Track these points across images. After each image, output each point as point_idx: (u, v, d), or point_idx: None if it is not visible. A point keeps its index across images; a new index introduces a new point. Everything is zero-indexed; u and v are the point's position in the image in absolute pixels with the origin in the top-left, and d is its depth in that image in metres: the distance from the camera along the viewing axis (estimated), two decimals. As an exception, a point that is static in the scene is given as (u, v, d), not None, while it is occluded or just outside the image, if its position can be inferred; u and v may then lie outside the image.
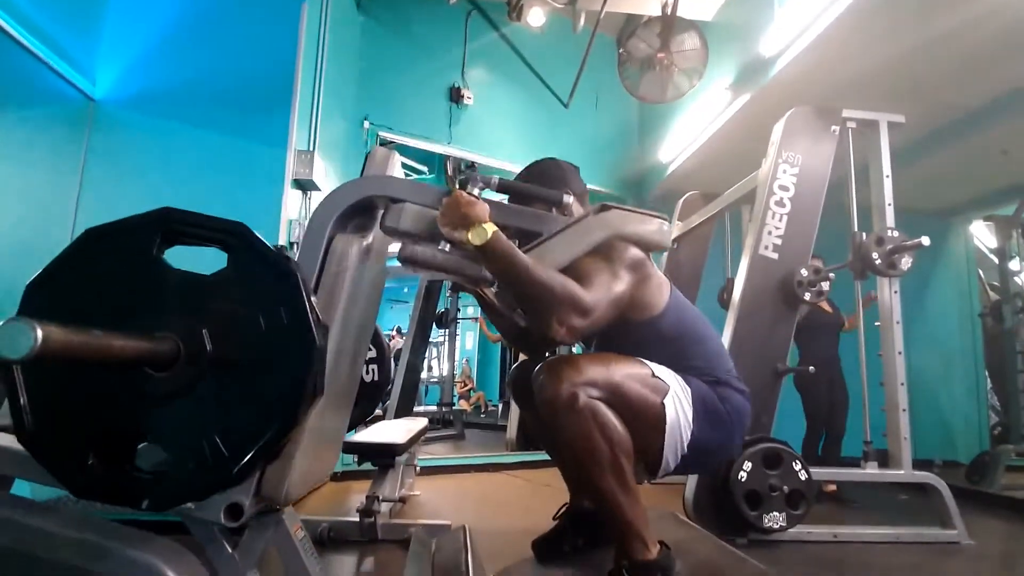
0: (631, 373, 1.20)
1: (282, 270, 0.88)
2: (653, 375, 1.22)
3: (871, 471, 2.78)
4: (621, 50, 3.90)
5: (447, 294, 7.16)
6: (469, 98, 4.61)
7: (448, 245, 1.18)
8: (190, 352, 0.82)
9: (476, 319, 11.17)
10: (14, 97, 2.51)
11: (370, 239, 1.21)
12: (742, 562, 1.25)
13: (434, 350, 10.33)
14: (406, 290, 10.28)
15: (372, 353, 1.55)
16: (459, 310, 7.66)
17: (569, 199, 1.32)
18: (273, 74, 2.81)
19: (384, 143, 4.10)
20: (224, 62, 2.88)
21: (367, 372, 1.56)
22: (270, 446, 0.83)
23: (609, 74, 4.31)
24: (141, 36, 2.97)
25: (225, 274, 0.88)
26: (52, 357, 0.60)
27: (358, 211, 1.19)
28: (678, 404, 1.22)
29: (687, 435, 1.22)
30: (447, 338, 7.79)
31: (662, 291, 1.35)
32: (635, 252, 1.29)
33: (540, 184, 1.40)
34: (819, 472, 2.66)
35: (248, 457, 0.82)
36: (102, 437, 0.84)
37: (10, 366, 0.83)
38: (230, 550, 1.19)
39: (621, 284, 1.23)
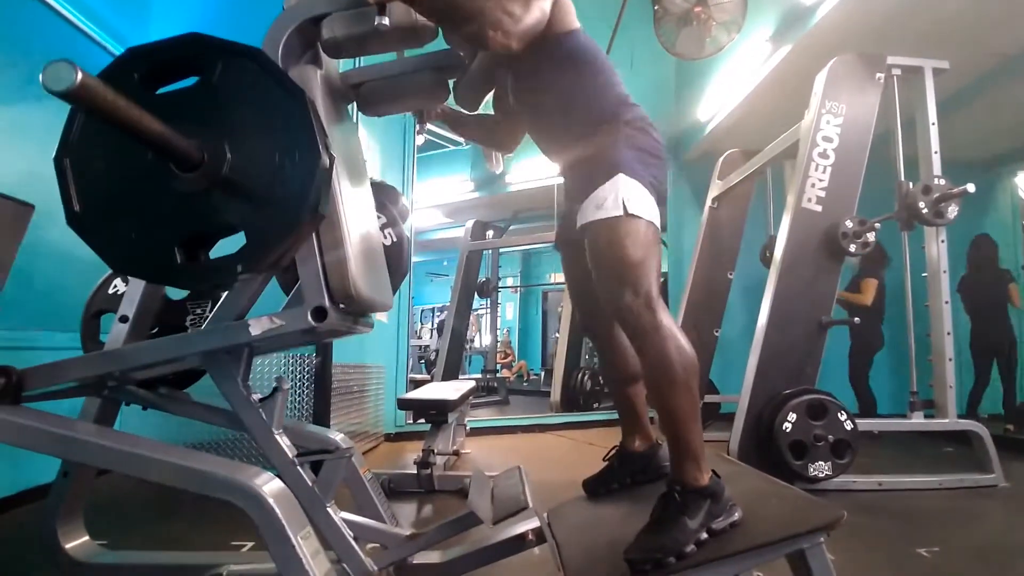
0: (626, 240, 1.26)
1: (252, 55, 0.97)
2: (620, 216, 1.27)
3: (916, 420, 2.77)
4: (656, 7, 3.83)
5: (491, 253, 7.25)
6: (504, 65, 4.61)
7: (381, 20, 1.19)
8: (211, 148, 0.92)
9: (516, 288, 11.29)
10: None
11: (323, 71, 1.27)
12: (790, 492, 1.31)
13: (475, 323, 10.49)
14: (445, 263, 10.42)
15: (382, 219, 1.65)
16: (499, 279, 7.76)
17: None
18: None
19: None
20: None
21: (384, 237, 1.66)
22: (314, 187, 0.94)
23: (644, 32, 4.24)
24: (189, 17, 3.10)
25: (208, 79, 0.96)
26: (88, 101, 0.71)
27: (300, 49, 1.25)
28: (638, 201, 1.29)
29: (653, 201, 1.32)
30: (489, 307, 7.91)
31: (573, 13, 1.43)
32: None
33: None
34: (865, 422, 2.68)
35: (303, 202, 0.93)
36: (179, 238, 0.95)
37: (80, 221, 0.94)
38: (310, 483, 1.32)
39: None
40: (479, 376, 7.67)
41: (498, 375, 7.89)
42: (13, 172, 2.25)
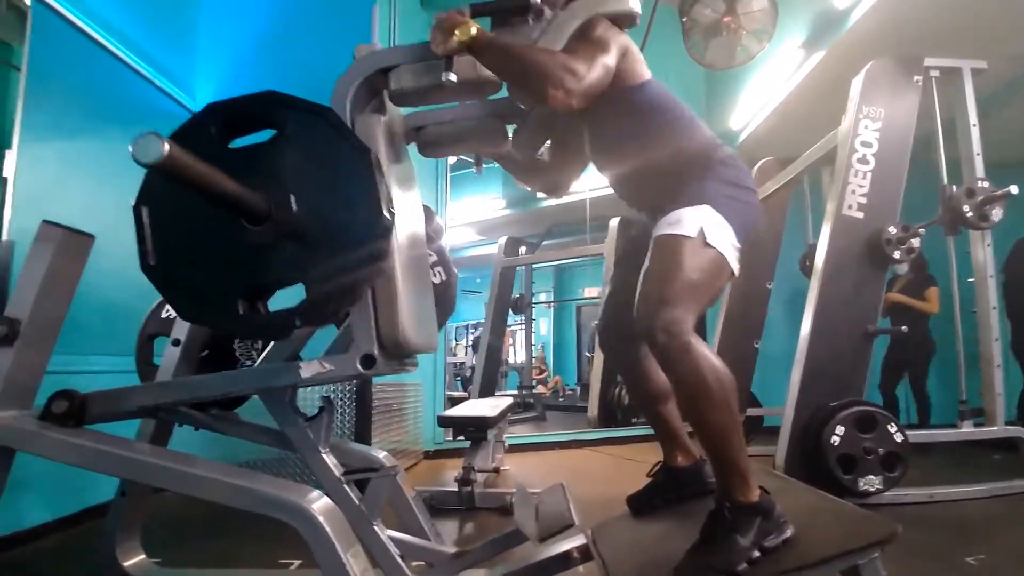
0: (686, 261, 1.24)
1: (322, 113, 1.00)
2: (689, 237, 1.25)
3: (966, 430, 2.67)
4: (684, 19, 3.83)
5: (525, 269, 7.26)
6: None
7: (448, 75, 1.22)
8: (279, 203, 0.96)
9: (549, 304, 11.27)
10: (127, 116, 2.80)
11: (387, 117, 1.31)
12: (843, 507, 1.27)
13: (508, 339, 10.50)
14: (478, 280, 10.49)
15: (433, 257, 1.67)
16: (533, 295, 7.76)
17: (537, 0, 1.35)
18: (351, 74, 2.98)
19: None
20: (305, 65, 3.08)
21: (434, 275, 1.67)
22: (376, 253, 0.96)
23: (672, 45, 4.24)
24: (230, 49, 3.24)
25: (281, 135, 1.00)
26: (175, 170, 0.75)
27: (367, 96, 1.28)
28: (716, 233, 1.27)
29: (735, 240, 1.30)
30: (524, 323, 7.91)
31: (644, 64, 1.43)
32: (610, 25, 1.35)
33: None
34: (914, 434, 2.59)
35: (363, 265, 0.96)
36: (241, 289, 0.98)
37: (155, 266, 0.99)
38: (357, 501, 1.34)
39: (606, 52, 1.30)
40: (515, 392, 7.65)
41: (534, 391, 7.86)
42: (73, 204, 2.37)
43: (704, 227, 1.27)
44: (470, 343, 11.06)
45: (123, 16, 2.68)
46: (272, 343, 1.49)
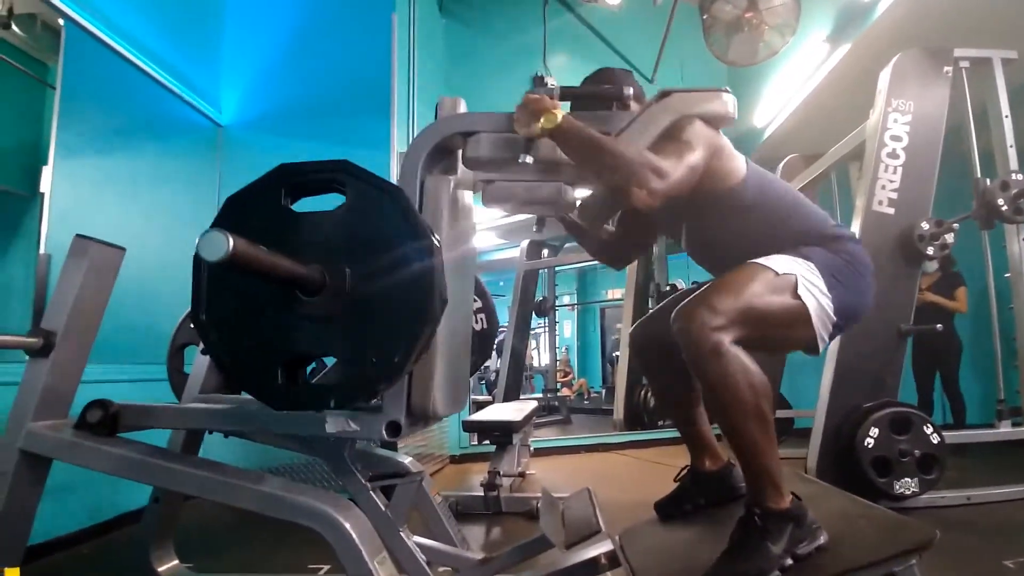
0: (759, 288, 1.19)
1: (393, 193, 1.00)
2: (776, 274, 1.21)
3: (1005, 430, 2.58)
4: (705, 16, 3.79)
5: (548, 272, 7.26)
6: (552, 85, 4.65)
7: (527, 159, 1.22)
8: (334, 276, 0.96)
9: (573, 306, 11.22)
10: (156, 129, 2.87)
11: (457, 178, 1.30)
12: (877, 512, 1.24)
13: (532, 341, 10.48)
14: (501, 284, 10.51)
15: (477, 303, 1.65)
16: (556, 298, 7.73)
17: (629, 92, 1.33)
18: (371, 82, 3.04)
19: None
20: (327, 76, 3.14)
21: (476, 321, 1.65)
22: (418, 341, 0.95)
23: (693, 43, 4.20)
24: (254, 63, 3.30)
25: (346, 206, 1.01)
26: (238, 262, 0.76)
27: (441, 153, 1.27)
28: (811, 288, 1.21)
29: (830, 308, 1.23)
30: (547, 326, 7.89)
31: (739, 160, 1.37)
32: (703, 126, 1.30)
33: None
34: (950, 435, 2.51)
35: (404, 351, 0.95)
36: (284, 358, 0.99)
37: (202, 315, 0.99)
38: (383, 507, 1.34)
39: (695, 153, 1.25)
40: (540, 396, 7.63)
41: (559, 394, 7.83)
42: (105, 216, 2.44)
43: (798, 275, 1.21)
44: (494, 347, 11.05)
45: (150, 32, 2.75)
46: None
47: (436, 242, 0.98)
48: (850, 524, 1.21)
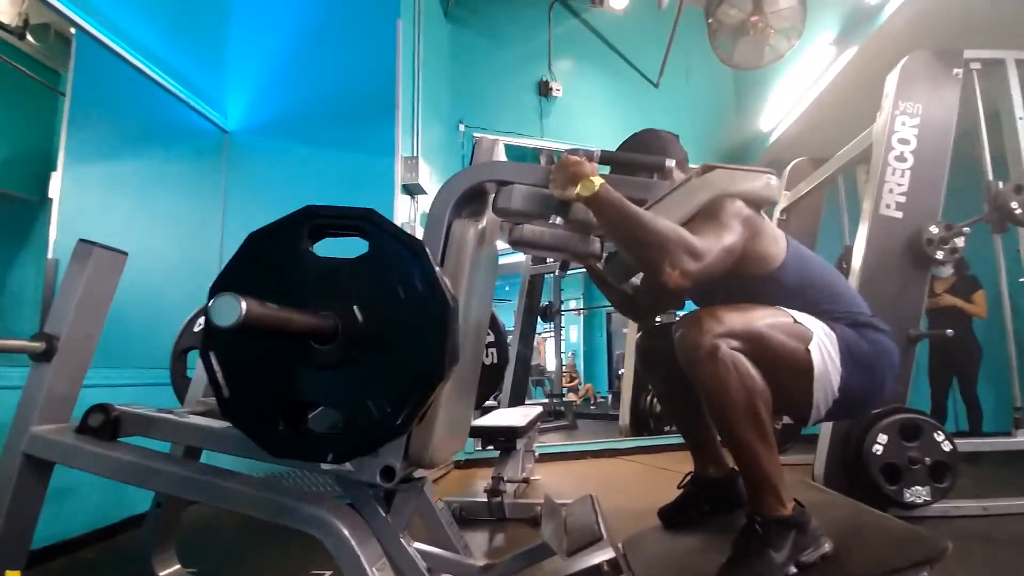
0: (773, 322, 1.18)
1: (415, 248, 0.98)
2: (795, 322, 1.19)
3: (1021, 439, 2.54)
4: (711, 20, 3.78)
5: (553, 277, 7.25)
6: (558, 90, 4.66)
7: (557, 218, 1.23)
8: (347, 326, 0.95)
9: (579, 311, 11.20)
10: (162, 135, 2.89)
11: (484, 223, 1.30)
12: (886, 521, 1.22)
13: (543, 346, 10.45)
14: (507, 288, 10.51)
15: (490, 337, 1.63)
16: (562, 303, 7.72)
17: (671, 163, 1.31)
18: (376, 87, 3.05)
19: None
20: (332, 82, 3.16)
21: (487, 356, 1.64)
22: (423, 400, 0.94)
23: (699, 46, 4.20)
24: (259, 69, 3.32)
25: (367, 257, 1.00)
26: (250, 325, 0.75)
27: (471, 197, 1.27)
28: (824, 350, 1.19)
29: (836, 380, 1.19)
30: (553, 331, 7.87)
31: (778, 243, 1.33)
32: (743, 207, 1.27)
33: (640, 153, 1.42)
34: (965, 442, 2.47)
35: (408, 410, 0.93)
36: (287, 405, 0.98)
37: (209, 353, 0.99)
38: (384, 513, 1.34)
39: (732, 234, 1.21)
40: (545, 401, 7.61)
41: (564, 399, 7.80)
42: (112, 222, 2.45)
43: (816, 334, 1.19)
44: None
45: (158, 39, 2.77)
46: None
47: (452, 303, 0.96)
48: (858, 533, 1.20)
